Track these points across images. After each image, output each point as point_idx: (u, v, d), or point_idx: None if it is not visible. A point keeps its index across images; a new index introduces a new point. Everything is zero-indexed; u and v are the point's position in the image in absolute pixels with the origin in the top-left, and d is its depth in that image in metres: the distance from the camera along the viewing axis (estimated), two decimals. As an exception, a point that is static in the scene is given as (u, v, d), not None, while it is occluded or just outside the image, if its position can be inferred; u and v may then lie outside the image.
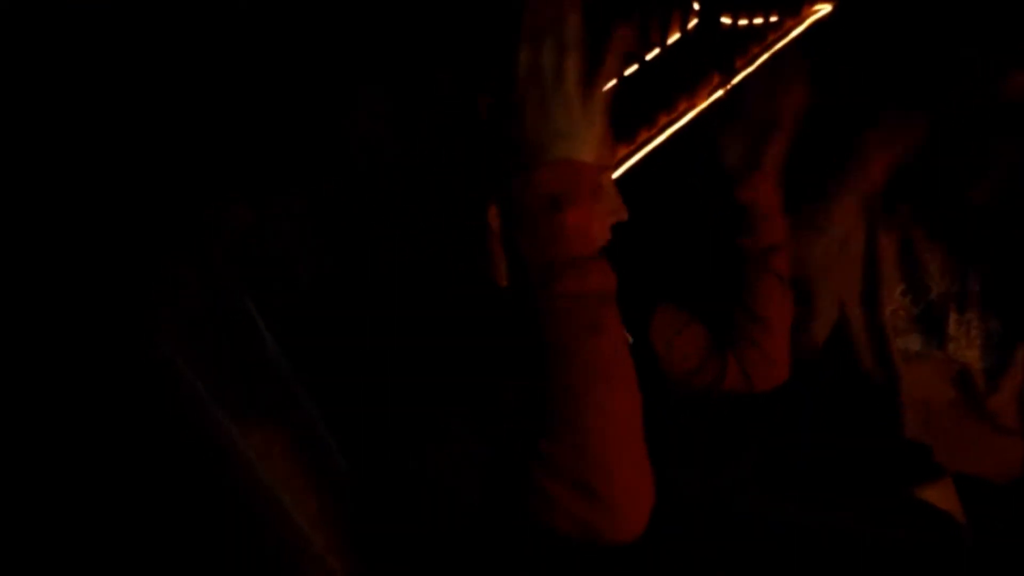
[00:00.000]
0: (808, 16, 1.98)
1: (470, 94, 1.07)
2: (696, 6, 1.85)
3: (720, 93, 2.31)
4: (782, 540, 1.12)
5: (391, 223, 1.11)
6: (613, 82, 1.09)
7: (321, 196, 1.21)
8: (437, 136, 1.09)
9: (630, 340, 1.13)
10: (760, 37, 2.13)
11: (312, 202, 1.20)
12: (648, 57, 2.07)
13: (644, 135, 2.10)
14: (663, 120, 2.21)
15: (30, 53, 1.17)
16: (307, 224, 1.17)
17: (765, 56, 2.29)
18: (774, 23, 2.13)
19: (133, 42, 1.24)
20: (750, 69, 2.39)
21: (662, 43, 1.78)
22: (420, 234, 1.08)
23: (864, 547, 1.14)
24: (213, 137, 1.27)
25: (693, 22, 1.85)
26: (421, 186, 1.11)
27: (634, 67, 2.03)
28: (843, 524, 1.14)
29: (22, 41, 1.16)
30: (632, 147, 2.12)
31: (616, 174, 1.13)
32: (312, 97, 1.36)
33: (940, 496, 1.39)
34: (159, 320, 1.02)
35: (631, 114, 1.89)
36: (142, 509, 1.11)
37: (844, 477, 1.26)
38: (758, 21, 2.05)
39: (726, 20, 1.90)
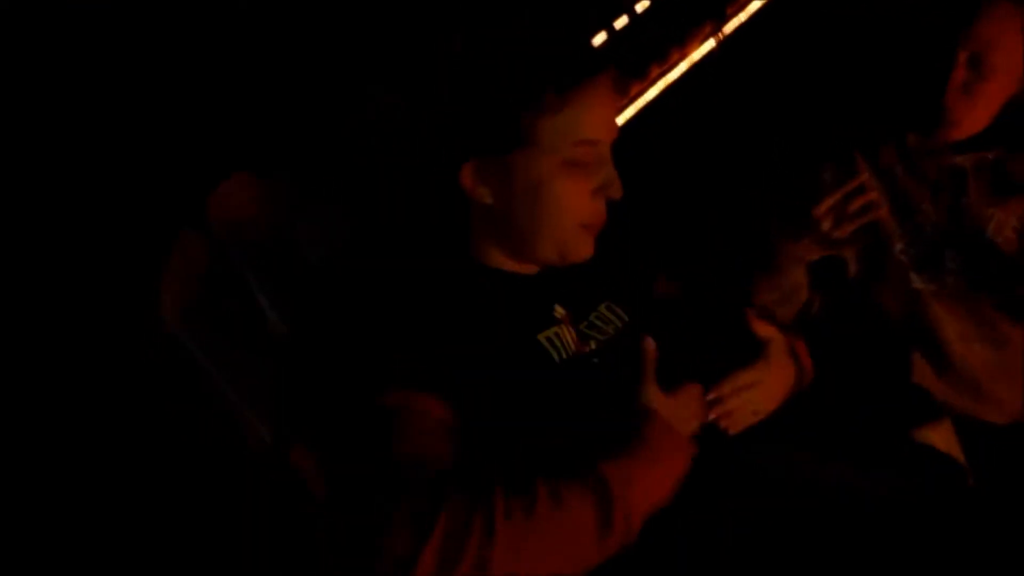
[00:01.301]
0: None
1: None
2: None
3: (712, 43, 2.29)
4: (782, 487, 1.13)
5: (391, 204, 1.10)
6: (603, 35, 1.08)
7: (325, 171, 1.20)
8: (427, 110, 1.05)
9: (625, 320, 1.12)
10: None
11: (315, 174, 1.19)
12: (639, 8, 2.05)
13: (636, 88, 2.09)
14: (655, 72, 2.19)
15: (30, 38, 1.16)
16: (310, 198, 1.16)
17: (757, 4, 2.27)
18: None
19: (138, 26, 1.24)
20: (741, 17, 2.37)
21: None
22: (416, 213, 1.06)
23: (866, 493, 1.16)
24: (215, 112, 1.27)
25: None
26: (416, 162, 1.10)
27: (624, 19, 2.01)
28: (844, 470, 1.15)
29: (21, 24, 1.15)
30: (625, 101, 2.10)
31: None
32: (313, 75, 1.36)
33: (940, 438, 1.42)
34: (164, 294, 1.02)
35: (623, 68, 1.87)
36: (151, 478, 1.13)
37: (844, 423, 1.28)
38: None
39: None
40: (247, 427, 1.01)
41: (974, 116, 1.37)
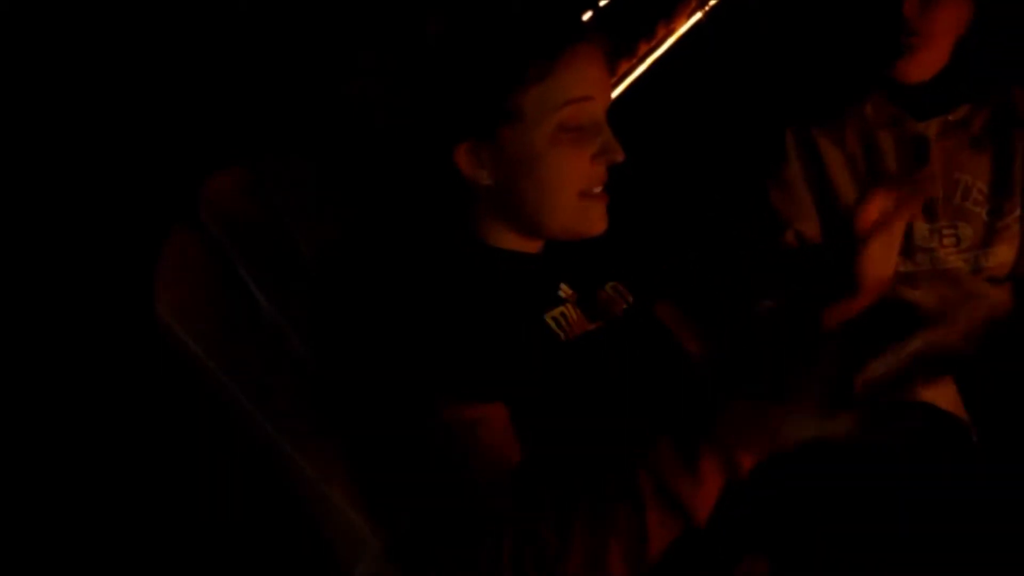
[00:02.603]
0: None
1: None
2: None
3: (699, 15, 2.28)
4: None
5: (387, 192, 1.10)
6: (589, 13, 1.07)
7: (317, 157, 1.19)
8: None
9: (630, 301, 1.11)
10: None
11: (308, 163, 1.18)
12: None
13: (625, 66, 2.08)
14: (643, 48, 2.19)
15: (22, 33, 1.16)
16: (304, 187, 1.15)
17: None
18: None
19: (126, 16, 1.23)
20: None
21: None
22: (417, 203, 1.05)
23: (870, 452, 1.16)
24: (201, 103, 1.27)
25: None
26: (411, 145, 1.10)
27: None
28: (847, 430, 1.15)
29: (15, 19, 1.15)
30: (615, 79, 2.10)
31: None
32: (304, 57, 1.35)
33: (941, 396, 1.42)
34: (159, 289, 1.02)
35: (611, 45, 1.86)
36: (146, 477, 1.13)
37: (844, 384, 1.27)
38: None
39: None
40: (245, 424, 1.02)
41: (933, 44, 1.35)
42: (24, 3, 1.18)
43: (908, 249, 1.42)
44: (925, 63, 1.37)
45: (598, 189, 0.99)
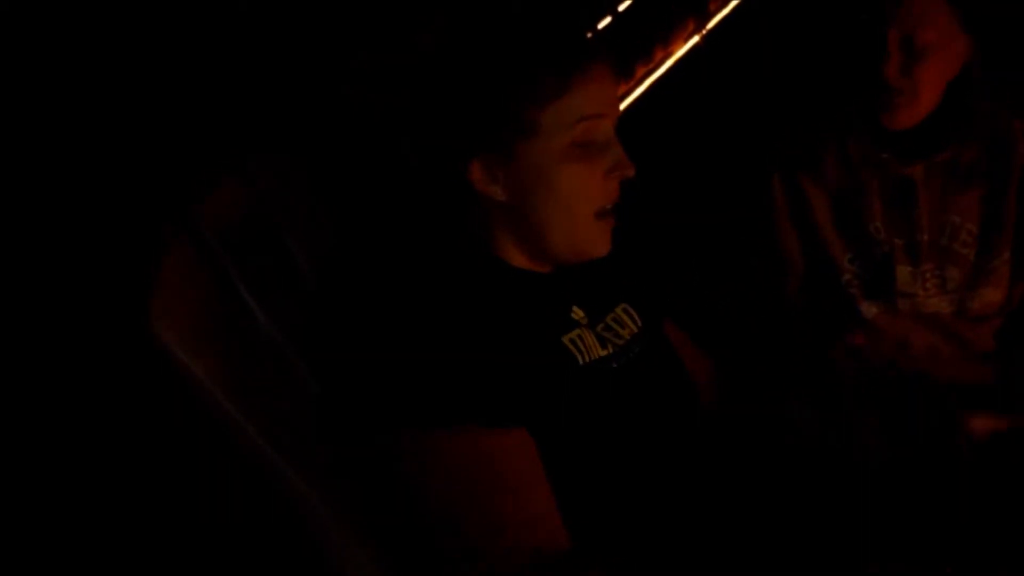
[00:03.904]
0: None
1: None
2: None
3: (696, 39, 2.30)
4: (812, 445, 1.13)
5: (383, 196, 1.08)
6: (588, 35, 1.08)
7: (315, 161, 1.18)
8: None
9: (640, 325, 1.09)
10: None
11: (303, 169, 1.16)
12: (621, 8, 2.06)
13: (623, 88, 2.09)
14: (641, 71, 2.20)
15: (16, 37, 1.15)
16: (297, 191, 1.14)
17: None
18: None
19: (116, 19, 1.23)
20: (724, 12, 2.38)
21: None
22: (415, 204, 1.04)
23: (863, 469, 1.16)
24: (194, 104, 1.26)
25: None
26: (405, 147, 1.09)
27: (608, 19, 2.02)
28: (834, 439, 1.15)
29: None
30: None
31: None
32: (303, 58, 1.35)
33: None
34: (154, 307, 1.00)
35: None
36: (143, 494, 1.12)
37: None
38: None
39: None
40: (242, 440, 1.02)
41: (917, 100, 1.33)
42: (23, 3, 1.17)
43: (890, 295, 1.42)
44: (910, 116, 1.35)
45: (610, 207, 0.98)
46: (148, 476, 1.11)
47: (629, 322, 1.08)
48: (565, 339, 0.98)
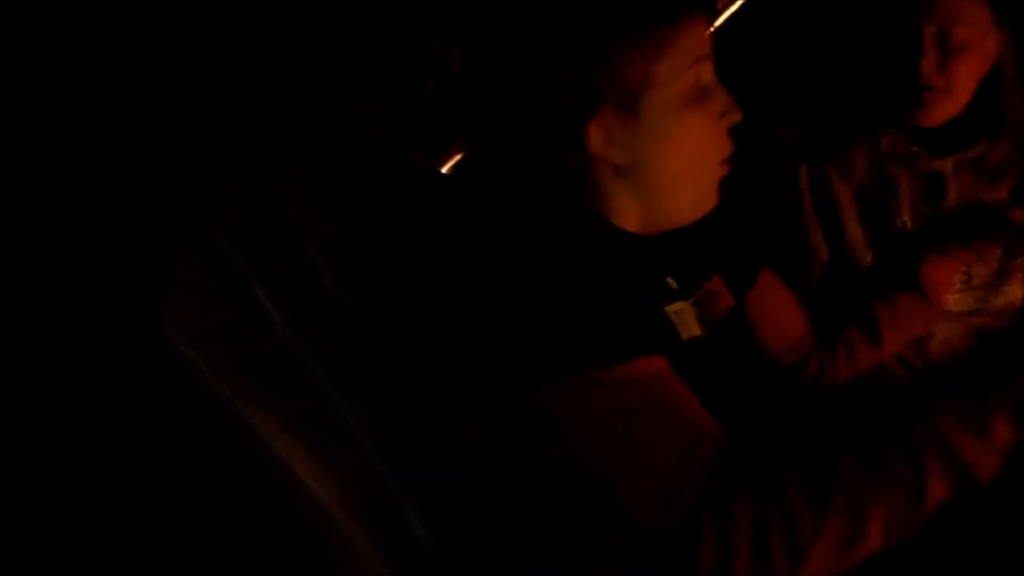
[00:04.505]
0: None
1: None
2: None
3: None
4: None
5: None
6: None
7: (324, 166, 1.16)
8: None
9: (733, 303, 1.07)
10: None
11: (314, 171, 1.15)
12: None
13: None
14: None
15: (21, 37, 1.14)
16: (313, 195, 1.13)
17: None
18: None
19: (128, 21, 1.21)
20: (733, 8, 2.36)
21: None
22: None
23: None
24: (206, 109, 1.25)
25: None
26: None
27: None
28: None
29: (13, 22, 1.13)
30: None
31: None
32: (306, 67, 1.34)
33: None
34: (167, 310, 1.00)
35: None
36: (154, 499, 1.11)
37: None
38: None
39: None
40: (253, 442, 1.00)
41: (952, 96, 1.34)
42: (23, 3, 1.16)
43: (914, 288, 1.38)
44: (944, 112, 1.36)
45: (727, 156, 0.96)
46: (154, 478, 1.10)
47: (721, 297, 1.06)
48: (669, 310, 0.95)
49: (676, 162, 0.93)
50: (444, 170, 1.38)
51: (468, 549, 0.97)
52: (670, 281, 1.00)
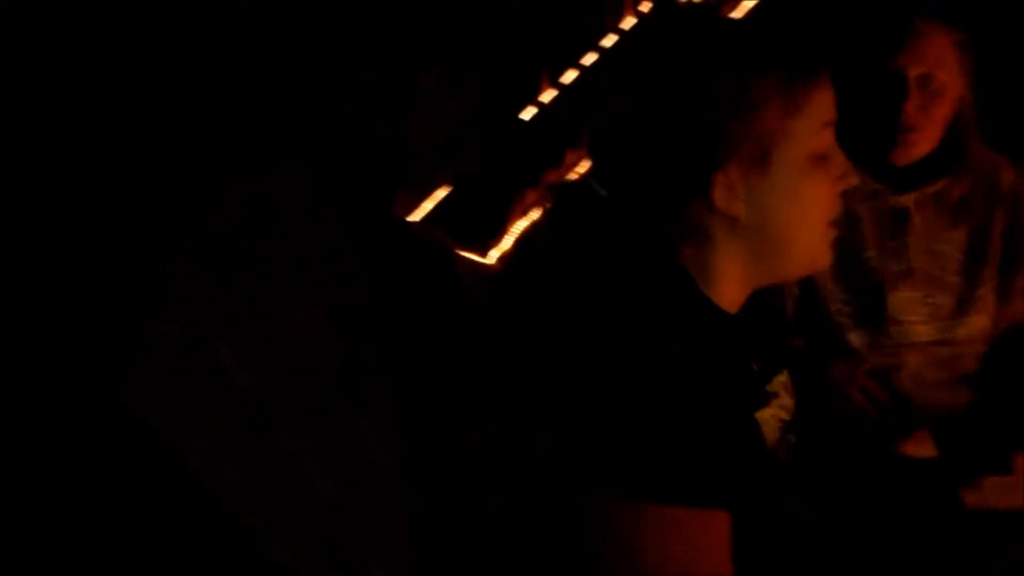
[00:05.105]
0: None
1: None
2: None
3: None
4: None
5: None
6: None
7: (324, 167, 1.16)
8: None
9: None
10: None
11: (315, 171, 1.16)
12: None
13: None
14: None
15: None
16: (314, 194, 1.13)
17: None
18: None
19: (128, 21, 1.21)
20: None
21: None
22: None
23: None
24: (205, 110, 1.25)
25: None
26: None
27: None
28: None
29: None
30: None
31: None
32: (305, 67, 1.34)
33: (917, 447, 1.46)
34: (128, 367, 1.00)
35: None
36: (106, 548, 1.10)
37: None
38: None
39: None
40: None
41: (928, 136, 1.39)
42: (23, 3, 1.15)
43: (880, 322, 1.44)
44: (920, 151, 1.40)
45: (838, 218, 0.96)
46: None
47: (791, 392, 1.08)
48: (760, 416, 0.96)
49: (797, 219, 0.93)
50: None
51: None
52: (753, 366, 0.98)
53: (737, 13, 2.07)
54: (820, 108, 0.91)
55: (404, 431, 1.13)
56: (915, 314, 1.44)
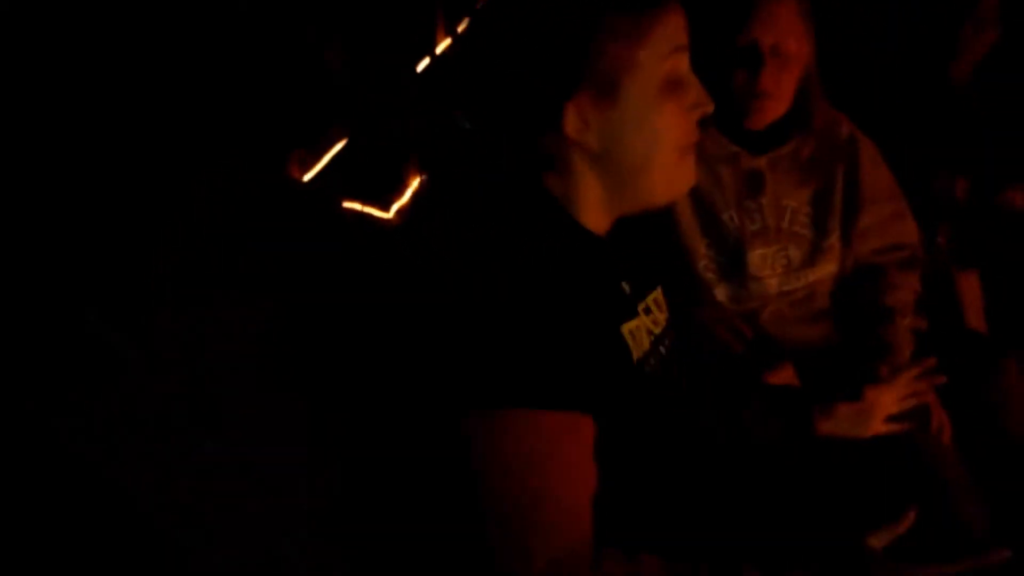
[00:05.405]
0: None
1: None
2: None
3: None
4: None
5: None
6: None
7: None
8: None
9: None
10: None
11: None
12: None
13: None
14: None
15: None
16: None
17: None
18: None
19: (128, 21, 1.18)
20: None
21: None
22: None
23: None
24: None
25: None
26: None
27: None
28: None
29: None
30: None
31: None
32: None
33: (781, 378, 1.59)
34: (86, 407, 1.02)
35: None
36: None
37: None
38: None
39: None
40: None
41: (781, 101, 1.48)
42: (23, 3, 1.13)
43: (742, 278, 1.55)
44: (773, 116, 1.49)
45: (694, 142, 0.98)
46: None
47: (663, 307, 1.08)
48: (624, 329, 0.99)
49: (649, 148, 0.94)
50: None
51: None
52: (624, 286, 1.02)
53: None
54: (670, 34, 0.93)
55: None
56: (771, 269, 1.56)
